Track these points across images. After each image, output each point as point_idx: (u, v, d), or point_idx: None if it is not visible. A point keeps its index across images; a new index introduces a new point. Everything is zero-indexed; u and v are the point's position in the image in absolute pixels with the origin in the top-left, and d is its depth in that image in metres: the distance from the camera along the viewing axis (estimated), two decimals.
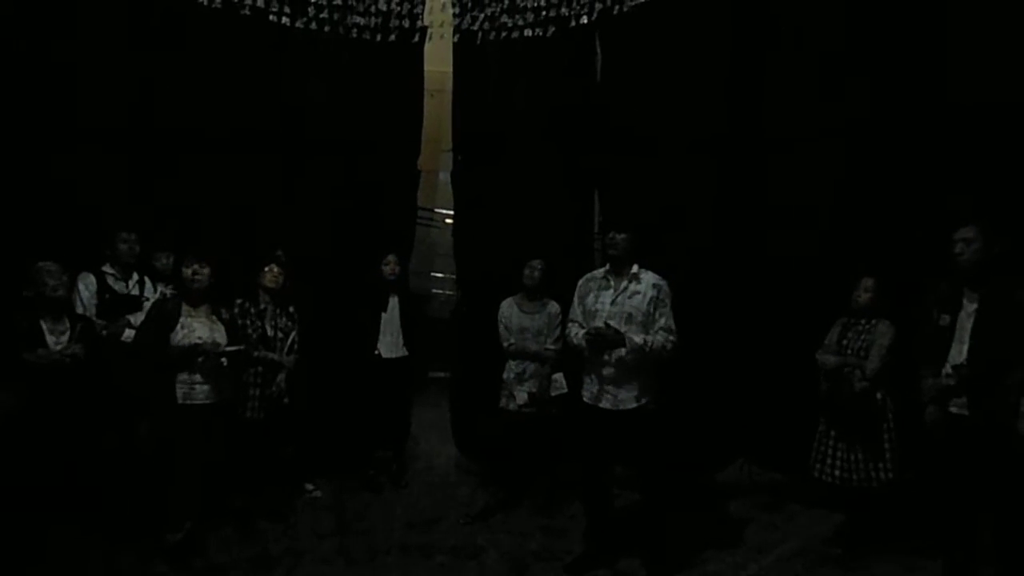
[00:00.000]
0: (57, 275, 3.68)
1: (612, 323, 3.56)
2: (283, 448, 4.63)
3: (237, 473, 4.36)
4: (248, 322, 4.42)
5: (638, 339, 3.53)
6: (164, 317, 3.76)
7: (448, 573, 3.77)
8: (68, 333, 3.69)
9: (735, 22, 4.83)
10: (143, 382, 3.78)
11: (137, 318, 4.08)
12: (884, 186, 4.40)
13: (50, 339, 3.64)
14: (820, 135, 4.57)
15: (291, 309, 4.61)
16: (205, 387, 3.78)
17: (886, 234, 4.33)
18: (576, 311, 3.81)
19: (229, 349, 3.86)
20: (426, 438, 5.91)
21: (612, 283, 3.68)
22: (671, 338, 3.60)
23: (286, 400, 4.48)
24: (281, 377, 4.45)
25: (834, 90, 4.53)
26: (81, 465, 3.72)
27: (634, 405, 3.59)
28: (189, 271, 3.82)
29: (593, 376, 3.68)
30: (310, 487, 4.83)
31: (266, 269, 4.49)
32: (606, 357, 3.59)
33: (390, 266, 4.99)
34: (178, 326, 3.76)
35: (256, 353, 4.37)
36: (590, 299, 3.72)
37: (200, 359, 3.73)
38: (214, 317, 3.90)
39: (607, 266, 3.75)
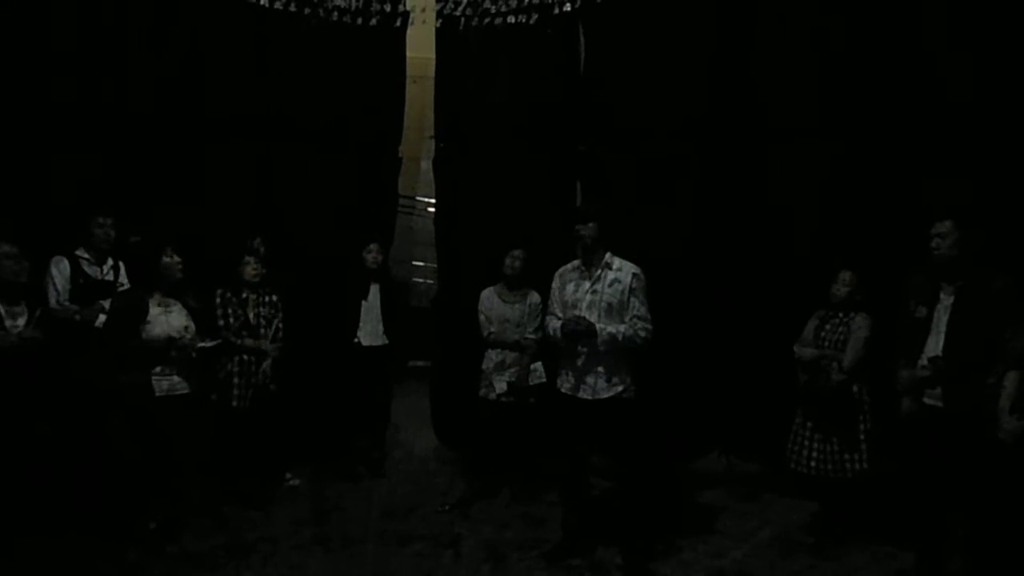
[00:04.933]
0: (17, 259, 3.60)
1: (590, 313, 3.56)
2: (269, 436, 4.58)
3: (215, 461, 4.34)
4: (230, 311, 4.38)
5: (612, 329, 3.54)
6: (132, 310, 3.72)
7: (425, 561, 3.76)
8: (25, 317, 3.63)
9: (720, 10, 4.80)
10: (115, 374, 3.72)
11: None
12: (863, 180, 4.42)
13: (7, 322, 3.57)
14: (801, 128, 4.58)
15: (274, 297, 4.57)
16: (178, 378, 3.78)
17: (864, 228, 4.35)
18: (554, 304, 3.80)
19: (209, 344, 3.83)
20: (405, 427, 5.90)
21: (587, 273, 3.67)
22: (646, 327, 3.61)
23: (272, 387, 4.45)
24: (266, 364, 4.42)
25: (817, 83, 4.53)
26: (47, 454, 3.66)
27: (610, 394, 3.60)
28: (172, 260, 3.79)
29: (569, 366, 3.68)
30: (289, 476, 4.80)
31: (244, 262, 4.44)
32: (581, 348, 3.59)
33: (372, 254, 4.96)
34: (159, 316, 3.74)
35: (238, 341, 4.34)
36: (568, 291, 3.71)
37: (174, 353, 3.72)
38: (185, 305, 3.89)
39: (579, 258, 3.73)
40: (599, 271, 3.64)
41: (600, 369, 3.60)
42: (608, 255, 3.66)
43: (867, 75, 4.39)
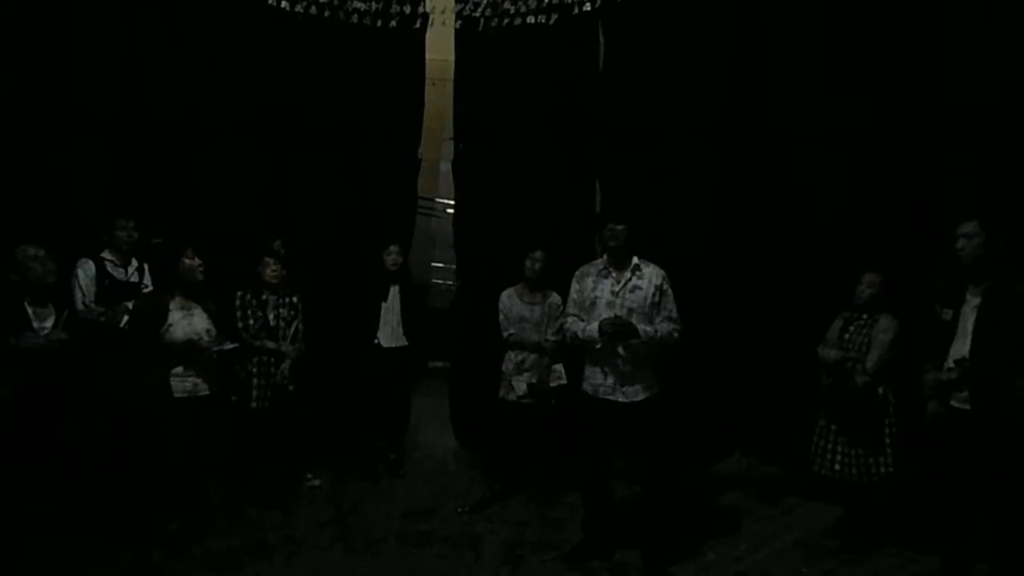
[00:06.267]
0: (44, 261, 3.64)
1: (609, 314, 3.54)
2: (287, 437, 4.61)
3: (237, 462, 4.37)
4: (249, 312, 4.41)
5: (648, 329, 3.52)
6: (152, 313, 3.75)
7: (445, 562, 3.76)
8: (53, 318, 3.67)
9: (737, 11, 4.78)
10: (136, 376, 3.75)
11: None
12: (886, 180, 4.38)
13: (35, 324, 3.62)
14: (823, 127, 4.54)
15: (294, 299, 4.59)
16: (199, 380, 3.80)
17: (888, 229, 4.30)
18: (572, 303, 3.77)
19: (227, 347, 3.86)
20: (425, 428, 5.91)
21: (613, 275, 3.65)
22: (678, 328, 3.60)
23: (291, 388, 4.48)
24: (285, 366, 4.44)
25: (836, 83, 4.50)
26: (72, 454, 3.71)
27: (643, 396, 3.58)
28: (192, 262, 3.82)
29: (603, 368, 3.62)
30: (309, 476, 4.83)
31: (264, 263, 4.47)
32: (620, 350, 3.56)
33: (392, 256, 4.96)
34: (179, 318, 3.77)
35: (257, 343, 4.37)
36: (588, 290, 3.68)
37: (193, 355, 3.76)
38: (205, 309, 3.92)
39: (605, 257, 3.71)
40: (626, 274, 3.62)
41: (634, 371, 3.57)
42: (636, 259, 3.64)
43: (890, 75, 4.35)
